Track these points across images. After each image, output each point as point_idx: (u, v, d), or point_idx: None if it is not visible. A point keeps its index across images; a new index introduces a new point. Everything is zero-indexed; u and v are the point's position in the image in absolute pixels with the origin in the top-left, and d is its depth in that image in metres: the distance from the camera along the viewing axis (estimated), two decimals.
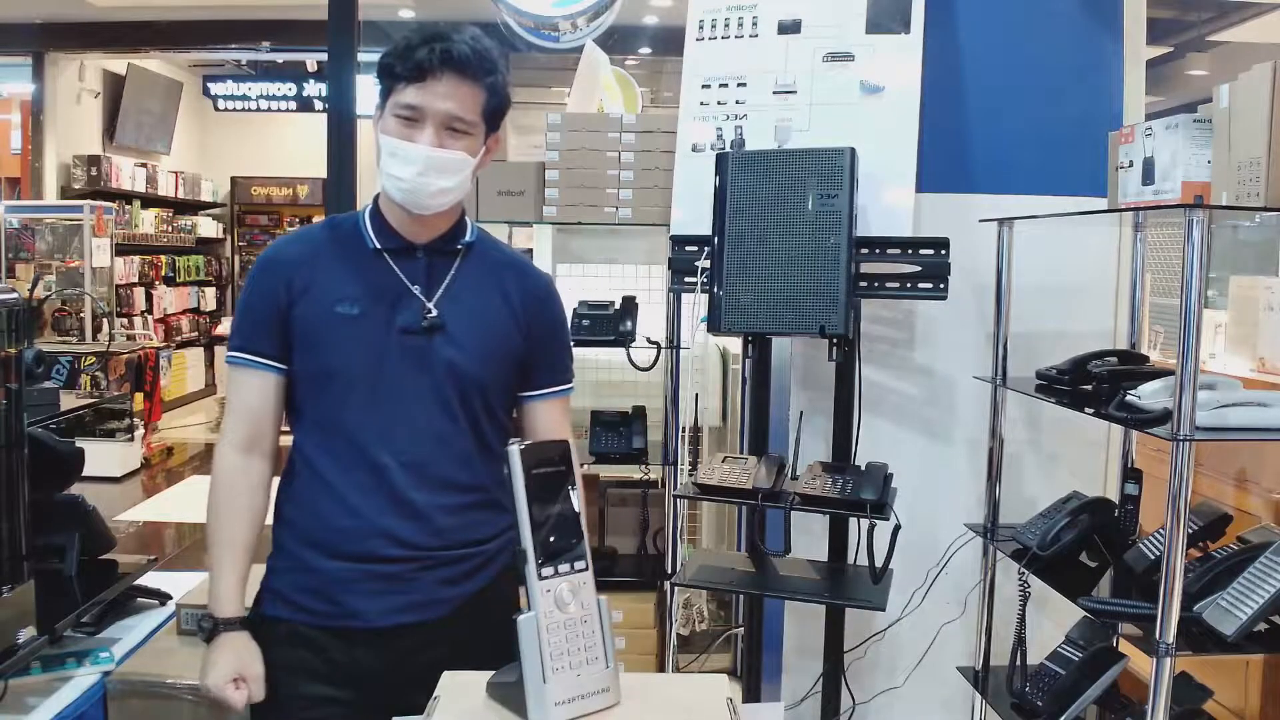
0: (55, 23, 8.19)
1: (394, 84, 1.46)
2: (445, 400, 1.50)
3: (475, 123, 1.48)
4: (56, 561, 2.12)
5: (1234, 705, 2.59)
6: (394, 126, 1.46)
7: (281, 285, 1.50)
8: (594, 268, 3.13)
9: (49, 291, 7.15)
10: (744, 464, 2.08)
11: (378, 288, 1.50)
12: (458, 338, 1.51)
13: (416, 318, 1.50)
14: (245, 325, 1.53)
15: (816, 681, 2.29)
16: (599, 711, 1.18)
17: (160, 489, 6.56)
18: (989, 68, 2.48)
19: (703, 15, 2.55)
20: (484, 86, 1.47)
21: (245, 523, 1.54)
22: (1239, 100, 1.75)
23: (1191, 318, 1.63)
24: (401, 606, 1.49)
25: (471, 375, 1.52)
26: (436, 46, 1.43)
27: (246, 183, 11.16)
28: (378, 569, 1.48)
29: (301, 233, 1.61)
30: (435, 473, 1.49)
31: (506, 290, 1.57)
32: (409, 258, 1.53)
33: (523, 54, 4.72)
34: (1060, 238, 2.39)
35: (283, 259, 1.54)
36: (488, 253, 1.61)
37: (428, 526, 1.49)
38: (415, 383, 1.49)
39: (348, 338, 1.48)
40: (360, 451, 1.48)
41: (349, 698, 1.49)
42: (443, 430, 1.50)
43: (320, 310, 1.49)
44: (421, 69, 1.43)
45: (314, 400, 1.51)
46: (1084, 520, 2.06)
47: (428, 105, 1.44)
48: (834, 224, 2.08)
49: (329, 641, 1.50)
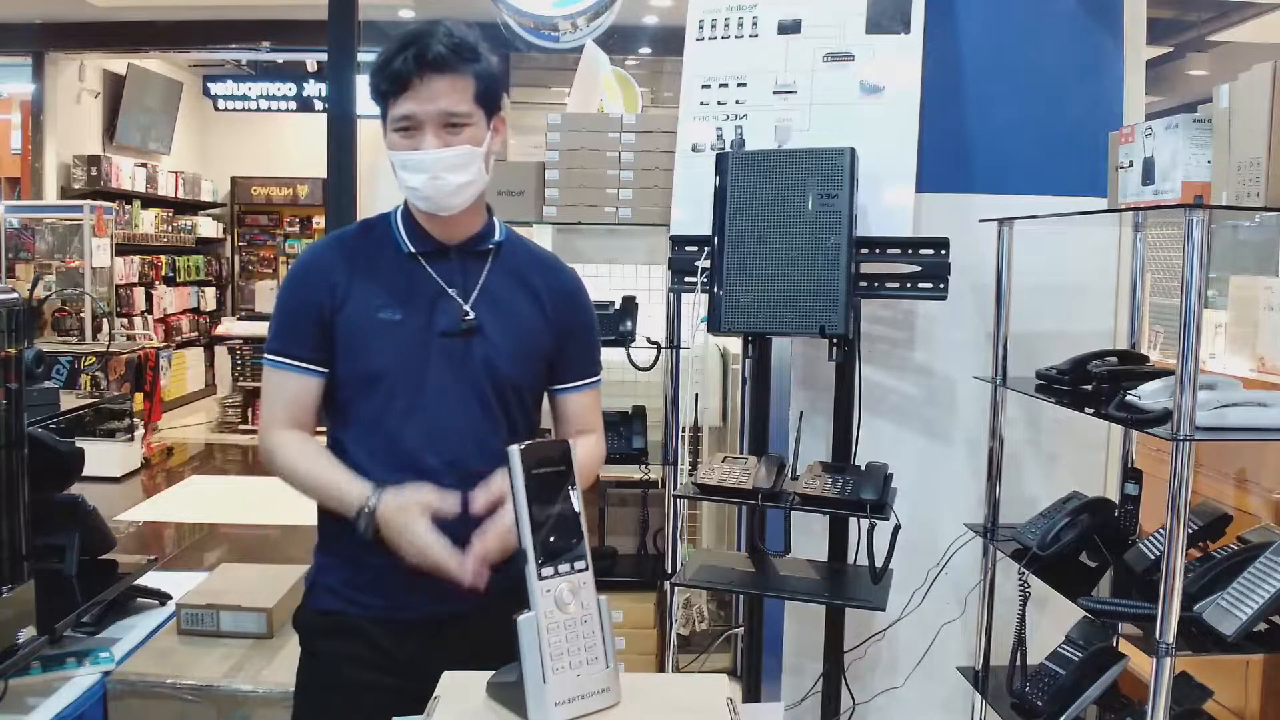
0: (55, 23, 8.19)
1: (385, 100, 1.48)
2: (484, 400, 1.53)
3: (471, 112, 1.48)
4: (56, 561, 2.12)
5: (1234, 705, 2.59)
6: (397, 139, 1.48)
7: (324, 291, 1.52)
8: (594, 268, 3.14)
9: (49, 291, 7.15)
10: (744, 464, 2.08)
11: (416, 292, 1.53)
12: (493, 338, 1.53)
13: (455, 320, 1.52)
14: (285, 329, 1.55)
15: (816, 681, 2.29)
16: (599, 711, 1.18)
17: (160, 489, 6.56)
18: (989, 68, 2.47)
19: (703, 15, 2.55)
20: (470, 75, 1.47)
21: (324, 451, 1.54)
22: (1239, 100, 1.75)
23: (1191, 318, 1.63)
24: (447, 596, 1.49)
25: (507, 374, 1.54)
26: (410, 52, 1.43)
27: (246, 183, 11.16)
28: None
29: (336, 237, 1.62)
30: (476, 471, 1.50)
31: (536, 288, 1.59)
32: (443, 260, 1.55)
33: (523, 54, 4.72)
34: (1060, 238, 2.38)
35: (323, 264, 1.56)
36: (517, 252, 1.63)
37: (471, 522, 1.50)
38: (455, 384, 1.52)
39: (391, 342, 1.51)
40: (405, 454, 1.50)
41: (397, 685, 1.50)
42: (481, 429, 1.53)
43: (363, 315, 1.51)
44: (402, 79, 1.44)
45: (357, 403, 1.53)
46: (1084, 520, 2.06)
47: (420, 111, 1.45)
48: (834, 224, 2.08)
49: (379, 632, 1.53)
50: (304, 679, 1.61)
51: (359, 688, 1.53)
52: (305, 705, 1.60)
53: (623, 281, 3.15)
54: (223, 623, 2.29)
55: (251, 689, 2.10)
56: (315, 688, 1.58)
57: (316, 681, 1.59)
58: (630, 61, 7.56)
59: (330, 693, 1.56)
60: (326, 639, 1.57)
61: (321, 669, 1.58)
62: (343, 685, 1.54)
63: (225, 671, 2.14)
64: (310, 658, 1.60)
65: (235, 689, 2.10)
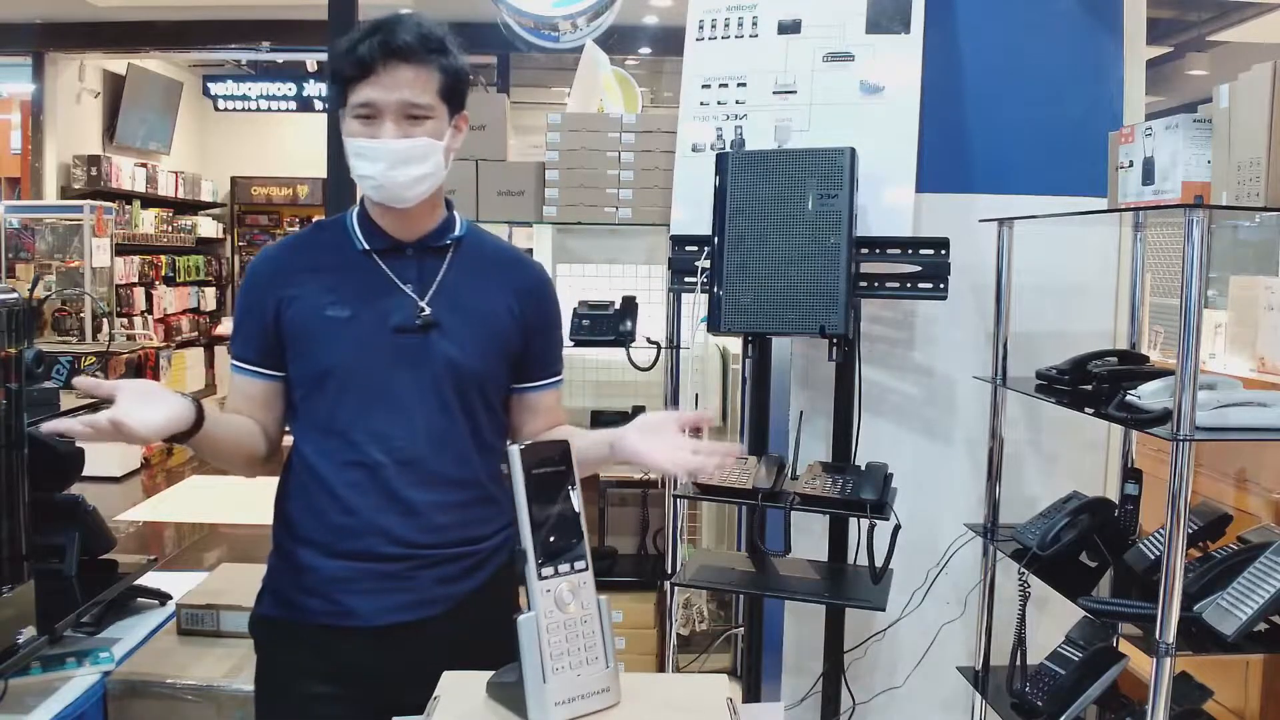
0: (55, 23, 8.19)
1: (346, 85, 1.45)
2: (443, 397, 1.50)
3: (433, 105, 1.46)
4: (56, 561, 2.12)
5: (1234, 705, 2.59)
6: (355, 127, 1.45)
7: (269, 295, 1.51)
8: (594, 268, 3.14)
9: (49, 291, 7.14)
10: (744, 464, 2.08)
11: (368, 288, 1.50)
12: (454, 334, 1.51)
13: (410, 316, 1.49)
14: (236, 333, 1.55)
15: (816, 681, 2.29)
16: (599, 711, 1.18)
17: (160, 489, 6.57)
18: (989, 68, 2.47)
19: (703, 15, 2.55)
20: (436, 67, 1.45)
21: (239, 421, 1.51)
22: (1239, 100, 1.75)
23: (1191, 318, 1.63)
24: (399, 605, 1.49)
25: (469, 371, 1.51)
26: (376, 39, 1.41)
27: (246, 183, 11.16)
28: (375, 568, 1.48)
29: (289, 240, 1.61)
30: (432, 470, 1.49)
31: (502, 285, 1.57)
32: (398, 256, 1.53)
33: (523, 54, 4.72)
34: (1060, 238, 2.38)
35: (269, 269, 1.55)
36: (481, 247, 1.60)
37: (425, 524, 1.49)
38: (412, 381, 1.49)
39: (340, 339, 1.48)
40: (356, 450, 1.48)
41: (348, 695, 1.49)
42: (439, 427, 1.50)
43: (310, 314, 1.49)
44: (366, 64, 1.41)
45: (309, 402, 1.51)
46: (1084, 520, 2.06)
47: (380, 99, 1.43)
48: (834, 224, 2.08)
49: (328, 640, 1.50)
50: (259, 686, 1.59)
51: (311, 697, 1.50)
52: (265, 713, 1.58)
53: (623, 281, 3.15)
54: (223, 623, 2.29)
55: (251, 689, 2.09)
56: (269, 696, 1.56)
57: (270, 690, 1.56)
58: (630, 61, 7.57)
59: (283, 701, 1.53)
60: (275, 646, 1.55)
61: (273, 677, 1.55)
62: (296, 694, 1.52)
63: (225, 671, 2.14)
64: (264, 665, 1.58)
65: (235, 689, 2.09)
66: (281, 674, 1.53)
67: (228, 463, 1.51)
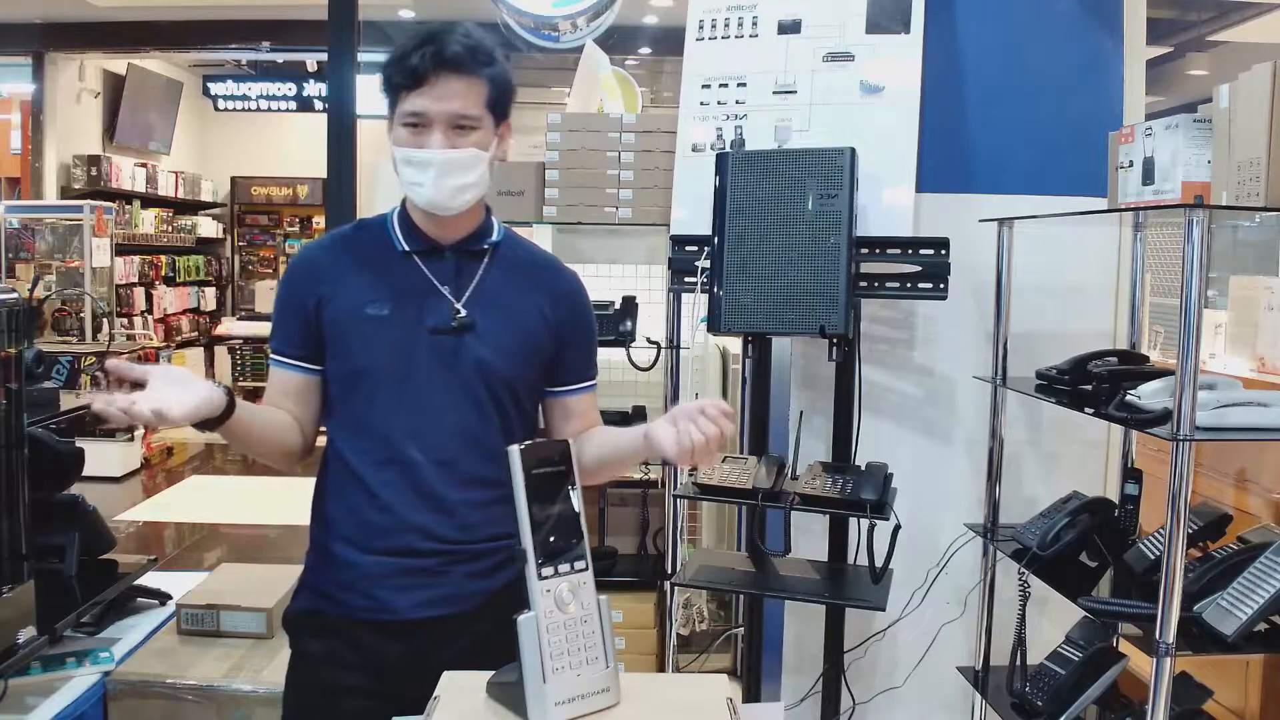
0: (55, 23, 8.19)
1: (396, 93, 1.48)
2: (476, 398, 1.53)
3: (481, 116, 1.49)
4: (56, 561, 2.13)
5: (1234, 705, 2.58)
6: (404, 135, 1.48)
7: (310, 291, 1.54)
8: (594, 268, 3.14)
9: (49, 291, 7.14)
10: (744, 464, 2.09)
11: (406, 289, 1.53)
12: (488, 337, 1.53)
13: (446, 317, 1.52)
14: (276, 326, 1.58)
15: (816, 681, 2.29)
16: (599, 711, 1.18)
17: (160, 489, 6.57)
18: (989, 68, 2.47)
19: (703, 15, 2.55)
20: (484, 79, 1.48)
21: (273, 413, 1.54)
22: (1239, 100, 1.75)
23: (1191, 318, 1.63)
24: (432, 599, 1.51)
25: (501, 373, 1.54)
26: (428, 50, 1.44)
27: (246, 183, 11.16)
28: (410, 563, 1.51)
29: (331, 236, 1.64)
30: (465, 469, 1.51)
31: (537, 289, 1.60)
32: (437, 258, 1.55)
33: (523, 54, 4.72)
34: (1060, 238, 2.38)
35: (311, 265, 1.58)
36: (517, 252, 1.63)
37: (458, 521, 1.51)
38: (445, 381, 1.52)
39: (377, 338, 1.51)
40: (391, 449, 1.51)
41: (378, 688, 1.51)
42: (472, 427, 1.52)
43: (350, 312, 1.52)
44: (418, 75, 1.44)
45: (345, 399, 1.54)
46: (1084, 520, 2.06)
47: (431, 109, 1.46)
48: (834, 224, 2.08)
49: (363, 634, 1.53)
50: (290, 678, 1.62)
51: (340, 690, 1.53)
52: (291, 705, 1.61)
53: (623, 281, 3.15)
54: (223, 623, 2.29)
55: (251, 689, 2.10)
56: (299, 687, 1.59)
57: (300, 681, 1.59)
58: (630, 61, 7.56)
59: (312, 693, 1.56)
60: (310, 639, 1.57)
61: (305, 669, 1.58)
62: (325, 686, 1.54)
63: (225, 671, 2.15)
64: (296, 658, 1.61)
65: (235, 689, 2.10)
66: (314, 666, 1.56)
67: (262, 454, 1.54)
